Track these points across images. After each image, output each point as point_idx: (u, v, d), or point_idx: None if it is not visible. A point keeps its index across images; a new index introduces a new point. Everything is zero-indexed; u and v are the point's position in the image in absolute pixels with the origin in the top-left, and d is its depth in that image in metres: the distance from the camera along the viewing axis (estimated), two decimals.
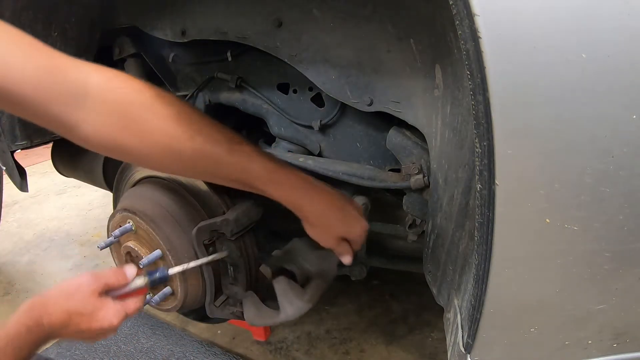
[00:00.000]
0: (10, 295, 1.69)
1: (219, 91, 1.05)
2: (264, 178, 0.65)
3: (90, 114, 0.57)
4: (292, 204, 0.68)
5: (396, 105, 0.72)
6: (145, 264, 0.84)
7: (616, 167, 0.39)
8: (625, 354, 0.51)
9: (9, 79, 0.51)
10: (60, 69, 0.55)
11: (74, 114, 0.56)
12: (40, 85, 0.53)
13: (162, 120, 0.59)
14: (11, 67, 0.51)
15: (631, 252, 0.44)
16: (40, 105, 0.54)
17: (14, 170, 1.21)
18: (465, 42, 0.38)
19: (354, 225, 0.71)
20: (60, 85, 0.54)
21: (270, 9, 0.78)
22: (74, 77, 0.55)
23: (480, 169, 0.42)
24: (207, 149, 0.62)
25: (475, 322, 0.50)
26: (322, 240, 0.72)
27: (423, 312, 1.48)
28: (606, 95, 0.37)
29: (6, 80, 0.51)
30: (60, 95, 0.54)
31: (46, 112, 0.55)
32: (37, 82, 0.52)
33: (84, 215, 2.33)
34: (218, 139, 0.63)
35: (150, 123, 0.59)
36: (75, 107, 0.56)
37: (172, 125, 0.60)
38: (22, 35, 0.53)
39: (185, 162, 0.63)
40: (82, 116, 0.56)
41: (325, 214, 0.69)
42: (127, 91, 0.59)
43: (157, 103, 0.59)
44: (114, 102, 0.58)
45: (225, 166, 0.64)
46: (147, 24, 0.97)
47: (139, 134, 0.59)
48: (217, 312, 0.93)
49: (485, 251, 0.44)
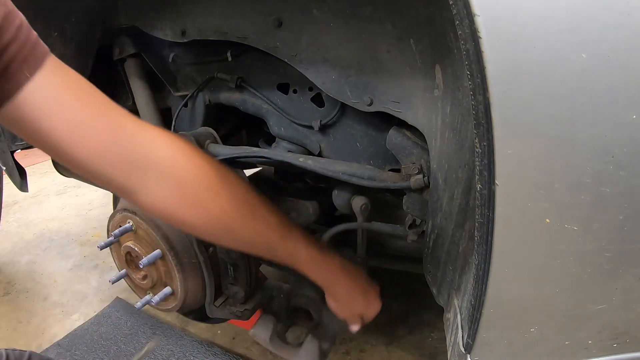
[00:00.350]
0: (10, 295, 1.69)
1: (219, 91, 1.05)
2: (307, 264, 0.72)
3: (151, 185, 0.56)
4: (323, 283, 0.77)
5: (396, 105, 0.72)
6: (145, 263, 0.84)
7: (616, 167, 0.39)
8: (625, 354, 0.51)
9: (74, 141, 0.50)
10: (128, 135, 0.54)
11: (135, 181, 0.56)
12: (105, 151, 0.52)
13: (223, 201, 0.60)
14: (79, 129, 0.50)
15: (631, 252, 0.44)
16: (102, 170, 0.53)
17: (14, 170, 1.21)
18: (465, 42, 0.38)
19: (370, 307, 0.82)
20: (125, 152, 0.54)
21: (270, 9, 0.78)
22: (140, 145, 0.55)
23: (480, 169, 0.42)
24: (263, 234, 0.65)
25: (475, 322, 0.50)
26: (340, 312, 0.82)
27: (423, 312, 1.48)
28: (606, 95, 0.37)
29: (71, 142, 0.50)
30: (124, 162, 0.54)
31: (106, 176, 0.54)
32: (102, 148, 0.52)
33: (84, 215, 2.33)
34: (272, 224, 0.66)
35: (212, 204, 0.60)
36: (137, 175, 0.55)
37: (232, 207, 0.61)
38: (95, 93, 0.53)
39: (241, 241, 0.66)
40: (142, 184, 0.56)
41: (350, 294, 0.79)
42: (192, 171, 0.59)
43: (220, 185, 0.60)
44: (178, 180, 0.58)
45: (275, 250, 0.68)
46: (147, 24, 0.97)
47: (199, 212, 0.60)
48: (217, 312, 0.93)
49: (485, 251, 0.44)
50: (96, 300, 1.63)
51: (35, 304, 1.62)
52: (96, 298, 1.64)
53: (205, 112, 1.11)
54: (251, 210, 0.64)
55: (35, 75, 0.48)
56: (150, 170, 0.56)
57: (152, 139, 0.57)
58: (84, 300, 1.63)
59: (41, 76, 0.49)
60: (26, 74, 0.47)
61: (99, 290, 1.68)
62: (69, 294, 1.68)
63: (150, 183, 0.56)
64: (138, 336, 1.39)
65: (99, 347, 1.35)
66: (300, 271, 0.73)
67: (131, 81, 1.15)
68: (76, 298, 1.65)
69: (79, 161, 0.52)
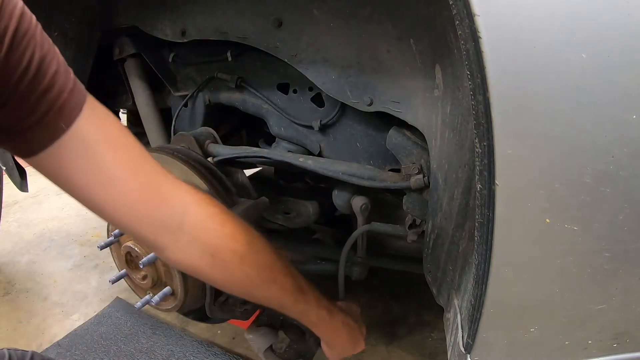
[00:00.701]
0: (10, 295, 1.68)
1: (219, 91, 1.05)
2: (314, 324, 0.79)
3: (180, 244, 0.57)
4: (324, 338, 0.85)
5: (396, 105, 0.72)
6: (145, 263, 0.84)
7: (616, 167, 0.39)
8: (625, 354, 0.51)
9: (109, 195, 0.50)
10: (160, 193, 0.54)
11: (164, 240, 0.56)
12: (137, 209, 0.52)
13: (247, 267, 0.63)
14: (111, 186, 0.50)
15: (631, 252, 0.44)
16: (131, 226, 0.54)
17: (14, 170, 1.21)
18: (465, 42, 0.38)
19: (356, 348, 0.88)
20: (157, 213, 0.54)
21: (270, 9, 0.78)
22: (172, 205, 0.55)
23: (480, 169, 0.42)
24: (278, 297, 0.70)
25: (475, 322, 0.50)
26: (330, 356, 0.89)
27: (423, 312, 1.47)
28: (606, 95, 0.37)
29: (103, 198, 0.50)
30: (155, 221, 0.54)
31: (135, 231, 0.55)
32: (134, 206, 0.52)
33: (84, 215, 2.33)
34: (288, 288, 0.70)
35: (237, 270, 0.63)
36: (167, 233, 0.56)
37: (255, 273, 0.65)
38: (131, 146, 0.52)
39: (258, 299, 0.71)
40: (171, 243, 0.57)
41: (344, 344, 0.86)
42: (222, 237, 0.61)
43: (247, 251, 0.63)
44: (207, 244, 0.59)
45: (288, 310, 0.74)
46: (147, 24, 0.97)
47: (224, 273, 0.63)
48: (217, 312, 0.93)
49: (485, 251, 0.44)
50: (96, 300, 1.63)
51: (35, 304, 1.62)
52: (96, 298, 1.64)
53: (205, 112, 1.11)
54: (271, 274, 0.67)
55: (72, 125, 0.46)
56: (180, 232, 0.57)
57: (185, 201, 0.57)
58: (84, 300, 1.63)
59: (78, 127, 0.47)
60: (62, 125, 0.45)
61: (99, 290, 1.68)
62: (69, 294, 1.67)
63: (180, 244, 0.57)
64: (138, 336, 1.39)
65: (99, 347, 1.35)
66: (307, 326, 0.80)
67: (131, 81, 1.15)
68: (76, 298, 1.65)
69: (109, 216, 0.53)
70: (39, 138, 0.45)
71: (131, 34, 1.05)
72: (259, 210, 0.90)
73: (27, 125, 0.44)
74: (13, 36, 0.39)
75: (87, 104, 0.48)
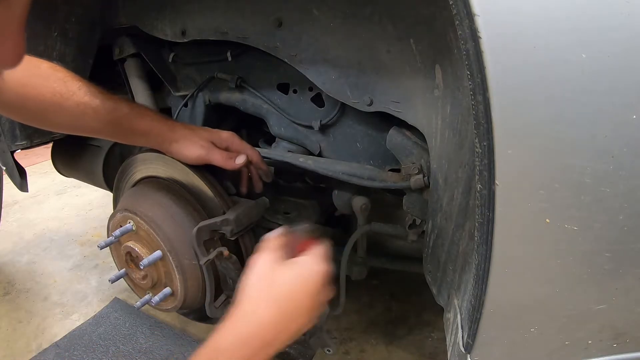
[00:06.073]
0: (10, 295, 1.68)
1: (219, 91, 1.05)
2: (132, 114, 0.80)
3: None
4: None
5: (396, 105, 0.72)
6: (145, 264, 0.84)
7: (616, 167, 0.39)
8: (625, 354, 0.51)
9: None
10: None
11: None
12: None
13: (51, 82, 0.74)
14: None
15: (631, 252, 0.44)
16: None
17: (14, 170, 1.21)
18: (465, 42, 0.38)
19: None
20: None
21: (270, 9, 0.78)
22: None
23: (480, 169, 0.42)
24: (87, 100, 0.76)
25: (475, 322, 0.50)
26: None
27: (423, 312, 1.47)
28: (606, 95, 0.37)
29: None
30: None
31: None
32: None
33: (84, 215, 2.33)
34: (95, 92, 0.77)
35: (42, 87, 0.73)
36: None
37: (59, 85, 0.74)
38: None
39: (71, 115, 0.76)
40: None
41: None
42: (29, 68, 0.73)
43: (50, 71, 0.74)
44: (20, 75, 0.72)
45: (101, 112, 0.77)
46: (147, 24, 0.97)
47: (35, 94, 0.73)
48: (217, 312, 0.93)
49: (485, 251, 0.44)
50: (96, 300, 1.63)
51: (35, 304, 1.62)
52: (96, 298, 1.64)
53: (205, 112, 1.11)
54: (75, 84, 0.75)
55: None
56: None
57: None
58: (84, 300, 1.63)
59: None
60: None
61: (99, 290, 1.68)
62: (69, 294, 1.67)
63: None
64: (137, 336, 1.39)
65: (98, 347, 1.35)
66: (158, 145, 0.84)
67: (131, 81, 1.15)
68: (76, 298, 1.65)
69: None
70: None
71: (131, 33, 1.05)
72: (259, 210, 0.90)
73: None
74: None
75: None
